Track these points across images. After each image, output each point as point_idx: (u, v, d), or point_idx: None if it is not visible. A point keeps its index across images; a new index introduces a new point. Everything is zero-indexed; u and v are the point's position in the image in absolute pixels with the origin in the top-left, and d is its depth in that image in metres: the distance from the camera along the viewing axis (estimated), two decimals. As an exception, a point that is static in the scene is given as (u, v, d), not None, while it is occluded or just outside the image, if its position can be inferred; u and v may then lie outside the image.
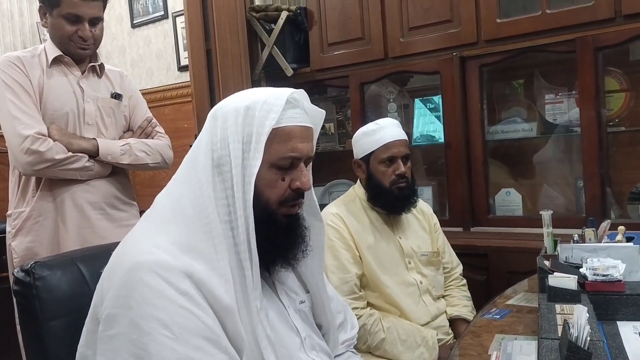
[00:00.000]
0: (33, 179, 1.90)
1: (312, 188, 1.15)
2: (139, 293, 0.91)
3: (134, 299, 0.91)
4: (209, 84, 2.75)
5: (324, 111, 1.16)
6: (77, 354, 1.01)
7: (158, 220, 1.03)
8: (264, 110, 1.02)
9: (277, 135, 1.03)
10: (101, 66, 2.03)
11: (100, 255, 1.15)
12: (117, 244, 1.07)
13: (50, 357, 1.08)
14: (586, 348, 0.88)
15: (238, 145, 1.01)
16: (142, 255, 0.95)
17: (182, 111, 3.57)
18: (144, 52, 3.90)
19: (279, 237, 1.07)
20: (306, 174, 1.08)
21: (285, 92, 1.05)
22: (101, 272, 1.02)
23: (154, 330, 0.89)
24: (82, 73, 1.96)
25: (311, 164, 1.15)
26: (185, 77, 3.53)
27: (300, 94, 1.09)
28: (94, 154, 1.90)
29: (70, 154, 1.84)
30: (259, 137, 1.01)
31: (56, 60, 1.91)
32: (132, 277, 0.93)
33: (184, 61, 3.55)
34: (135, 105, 2.11)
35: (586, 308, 0.95)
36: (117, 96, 2.03)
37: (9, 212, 1.97)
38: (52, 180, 1.88)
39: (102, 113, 1.98)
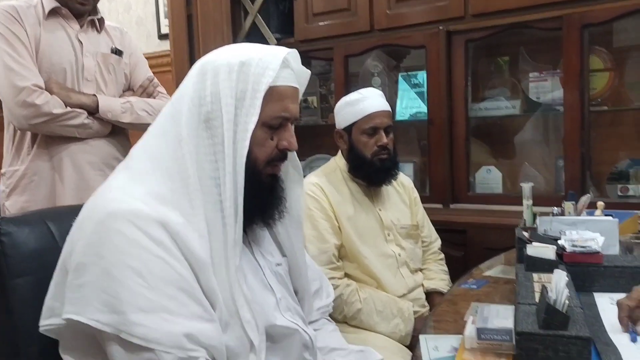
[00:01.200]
0: (28, 135, 1.83)
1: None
2: (112, 241, 0.89)
3: (106, 247, 0.89)
4: (190, 51, 2.69)
5: (309, 71, 1.14)
6: (43, 307, 0.97)
7: (134, 172, 1.00)
8: (260, 67, 1.00)
9: (272, 94, 1.01)
10: (101, 20, 1.94)
11: (71, 214, 1.09)
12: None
13: (15, 314, 1.03)
14: (564, 311, 0.87)
15: (231, 100, 0.98)
16: (116, 204, 0.93)
17: (161, 81, 3.45)
18: (123, 19, 3.79)
19: (262, 196, 1.06)
20: (293, 134, 1.08)
21: (282, 51, 1.03)
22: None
23: (127, 278, 0.87)
24: (81, 27, 1.88)
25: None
26: (166, 45, 3.44)
27: (293, 55, 1.07)
28: (93, 111, 1.82)
29: (68, 109, 1.76)
30: (255, 94, 0.99)
31: (53, 12, 1.82)
32: (105, 225, 0.90)
33: (165, 29, 3.48)
34: (135, 64, 2.03)
35: (565, 272, 0.94)
36: (117, 52, 1.95)
37: (2, 171, 1.90)
38: (48, 137, 1.81)
39: (102, 69, 1.90)
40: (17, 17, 1.76)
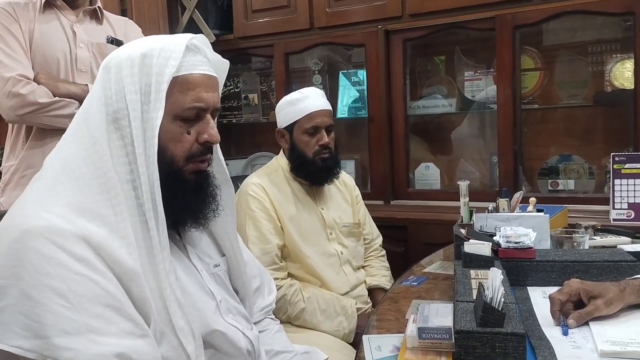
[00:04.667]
0: (23, 130, 1.77)
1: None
2: (29, 261, 0.83)
3: (23, 268, 0.83)
4: (125, 47, 2.60)
5: (227, 61, 1.10)
6: None
7: (48, 182, 0.94)
8: (162, 57, 0.95)
9: (179, 84, 0.97)
10: (100, 10, 1.88)
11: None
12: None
13: None
14: (500, 309, 0.90)
15: (136, 96, 0.94)
16: (31, 221, 0.86)
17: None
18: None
19: (187, 196, 1.01)
20: (213, 126, 1.01)
21: (184, 38, 0.99)
22: None
23: (48, 300, 0.81)
24: (77, 17, 1.82)
25: (217, 118, 1.08)
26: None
27: (201, 40, 1.02)
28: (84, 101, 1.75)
29: (56, 98, 1.70)
30: (159, 86, 0.94)
31: (49, 5, 1.77)
32: (21, 245, 0.84)
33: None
34: None
35: (500, 270, 0.97)
36: (114, 41, 1.87)
37: (1, 167, 1.84)
38: (43, 130, 1.74)
39: (97, 59, 1.83)
40: (12, 12, 1.73)
